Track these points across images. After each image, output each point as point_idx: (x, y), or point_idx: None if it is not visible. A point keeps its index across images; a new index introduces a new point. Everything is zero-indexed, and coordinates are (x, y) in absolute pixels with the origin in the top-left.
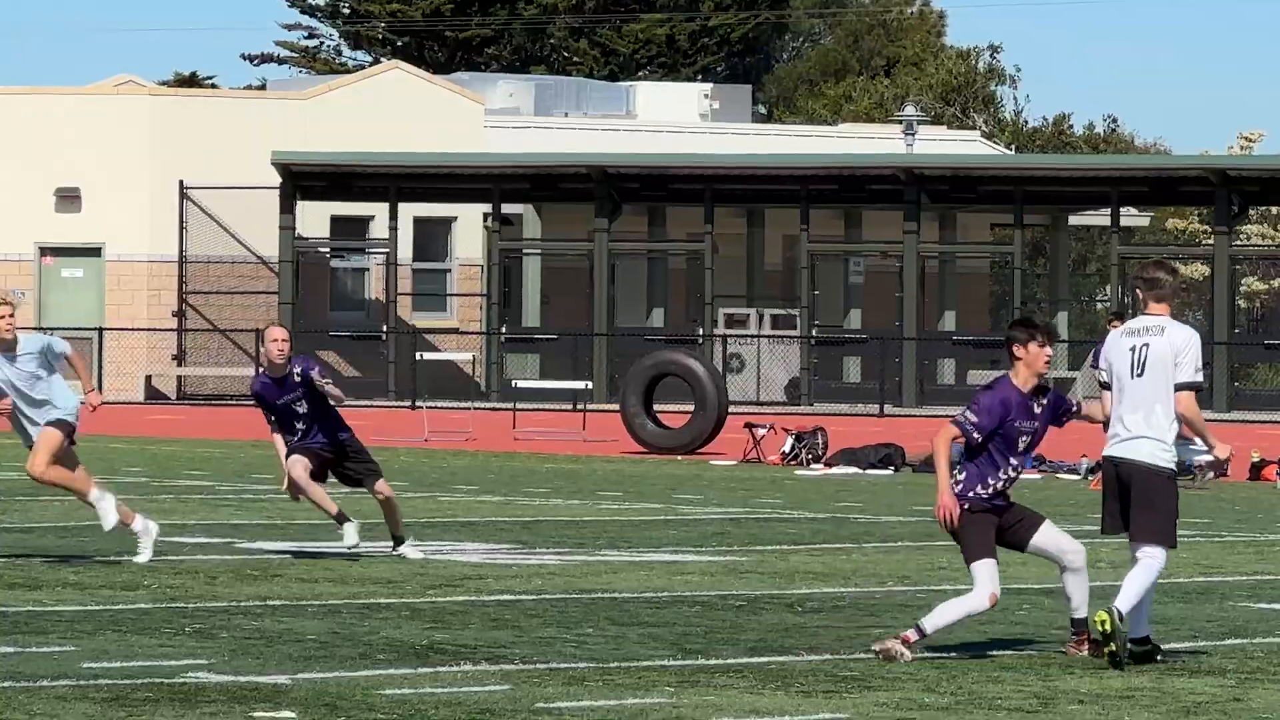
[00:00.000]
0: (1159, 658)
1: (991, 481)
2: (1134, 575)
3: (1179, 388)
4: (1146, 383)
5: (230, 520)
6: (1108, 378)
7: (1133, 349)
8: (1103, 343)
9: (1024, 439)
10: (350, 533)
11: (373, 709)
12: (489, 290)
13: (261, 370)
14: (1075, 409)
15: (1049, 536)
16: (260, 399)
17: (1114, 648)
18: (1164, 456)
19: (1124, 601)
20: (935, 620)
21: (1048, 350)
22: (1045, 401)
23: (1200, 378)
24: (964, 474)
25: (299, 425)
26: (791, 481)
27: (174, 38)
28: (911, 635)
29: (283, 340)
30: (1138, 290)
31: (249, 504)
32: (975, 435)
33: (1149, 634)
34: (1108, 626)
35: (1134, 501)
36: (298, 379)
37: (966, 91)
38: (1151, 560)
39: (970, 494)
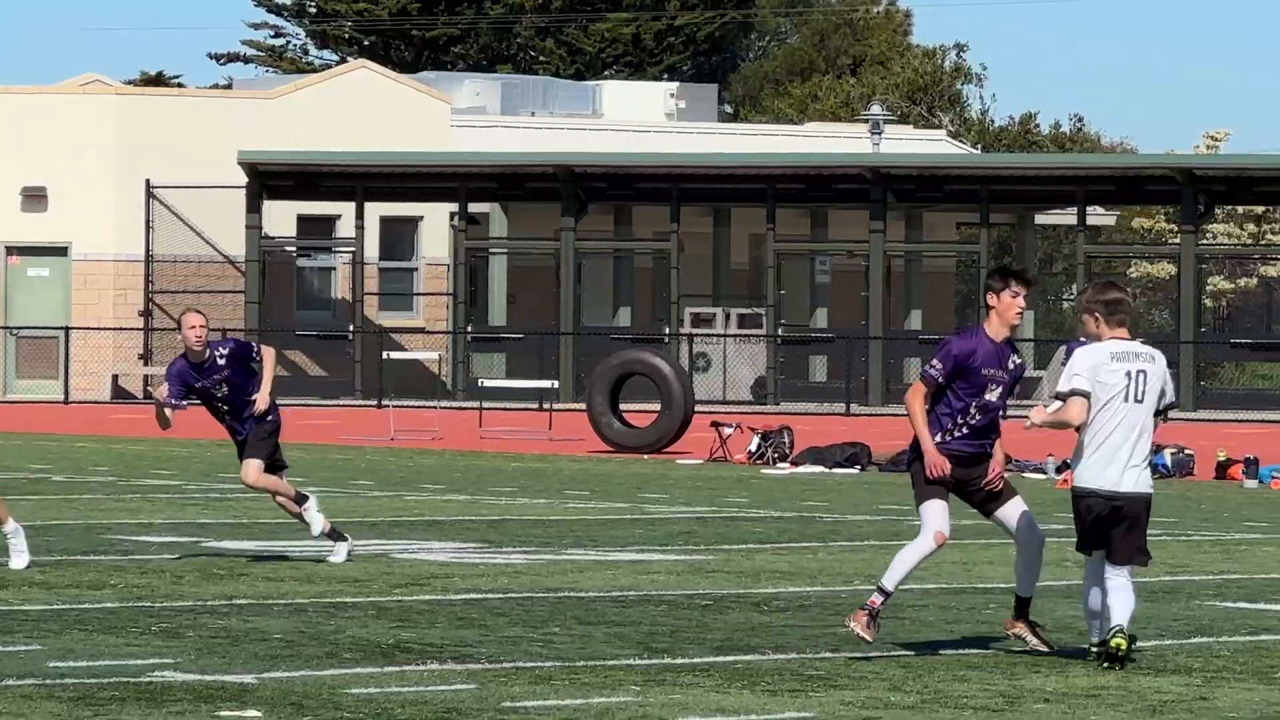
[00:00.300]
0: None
1: (951, 427)
2: (1125, 595)
3: (1169, 410)
4: (1145, 409)
5: (197, 519)
6: (1082, 386)
7: (1129, 374)
8: (1075, 343)
9: (993, 388)
10: (341, 552)
11: (339, 708)
12: (455, 289)
13: (181, 355)
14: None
15: (1013, 513)
16: (177, 378)
17: (1120, 668)
18: (1152, 482)
19: (1127, 619)
20: (894, 575)
21: (1020, 300)
22: (1017, 361)
23: None
24: (930, 423)
25: (221, 407)
26: (758, 480)
27: (140, 37)
28: (876, 600)
29: (200, 327)
30: (1095, 314)
31: (215, 503)
32: (940, 380)
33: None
34: (1124, 650)
35: (1128, 528)
36: (221, 360)
37: (933, 90)
38: (1129, 579)
39: (933, 440)
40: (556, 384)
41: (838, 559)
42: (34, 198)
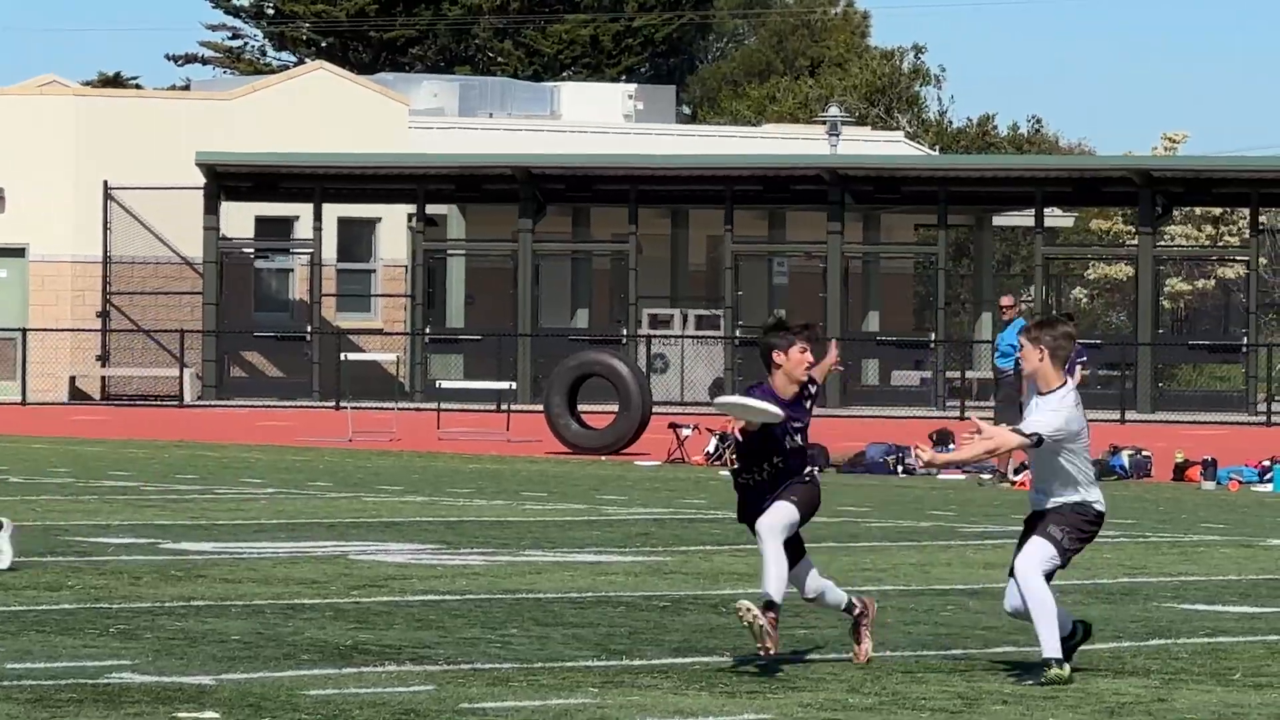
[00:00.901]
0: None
1: (757, 469)
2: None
3: None
4: None
5: (155, 520)
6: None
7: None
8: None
9: (795, 427)
10: None
11: (297, 709)
12: (413, 291)
13: None
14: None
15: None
16: None
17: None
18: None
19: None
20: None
21: (808, 356)
22: (813, 393)
23: None
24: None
25: None
26: (715, 482)
27: (98, 38)
28: (865, 635)
29: None
30: (1042, 348)
31: (173, 504)
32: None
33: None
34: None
35: None
36: None
37: (890, 92)
38: None
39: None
40: (514, 385)
41: None
42: None
